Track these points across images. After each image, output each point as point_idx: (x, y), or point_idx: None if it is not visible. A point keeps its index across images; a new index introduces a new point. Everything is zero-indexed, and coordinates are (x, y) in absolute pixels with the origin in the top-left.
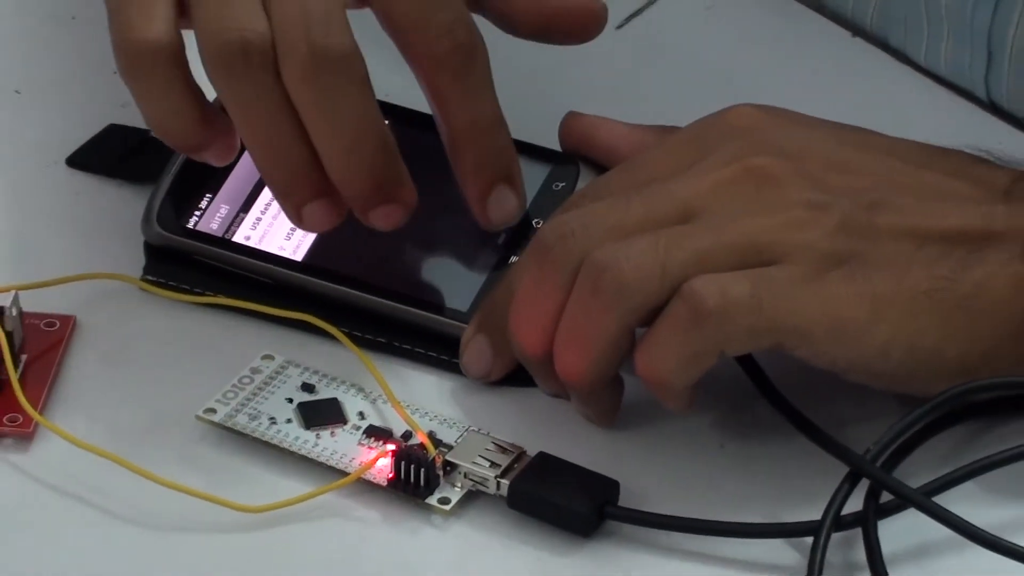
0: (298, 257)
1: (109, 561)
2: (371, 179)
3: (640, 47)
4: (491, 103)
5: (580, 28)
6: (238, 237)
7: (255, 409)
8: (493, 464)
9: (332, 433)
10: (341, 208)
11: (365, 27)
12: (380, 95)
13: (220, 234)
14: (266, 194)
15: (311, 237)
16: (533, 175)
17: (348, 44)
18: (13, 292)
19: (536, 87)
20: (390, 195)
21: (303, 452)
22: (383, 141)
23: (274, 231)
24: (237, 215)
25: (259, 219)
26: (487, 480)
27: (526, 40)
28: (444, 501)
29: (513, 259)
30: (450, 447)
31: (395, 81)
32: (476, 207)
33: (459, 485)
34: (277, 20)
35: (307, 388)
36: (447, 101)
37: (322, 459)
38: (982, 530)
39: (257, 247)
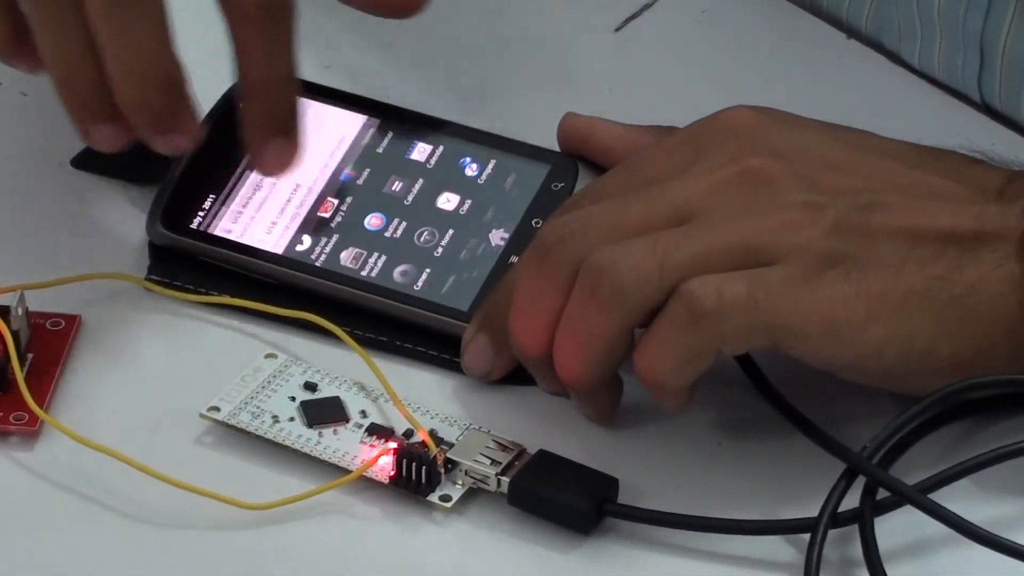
0: (301, 257)
1: (113, 558)
2: (155, 110)
3: (637, 49)
4: (287, 63)
5: (396, 5)
6: (241, 238)
7: (258, 407)
8: (494, 462)
9: (334, 431)
10: (128, 132)
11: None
12: (381, 96)
13: (224, 234)
14: (268, 195)
15: (314, 238)
16: (532, 175)
17: None
18: (19, 292)
19: (535, 89)
20: (174, 125)
21: (306, 450)
22: (171, 76)
23: (277, 231)
24: (240, 216)
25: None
26: (488, 477)
27: (345, 6)
28: (445, 498)
29: (513, 259)
30: (451, 445)
31: (392, 83)
32: (254, 153)
33: (460, 482)
34: None
35: (309, 387)
36: (247, 54)
37: (324, 457)
38: (978, 527)
39: (260, 248)
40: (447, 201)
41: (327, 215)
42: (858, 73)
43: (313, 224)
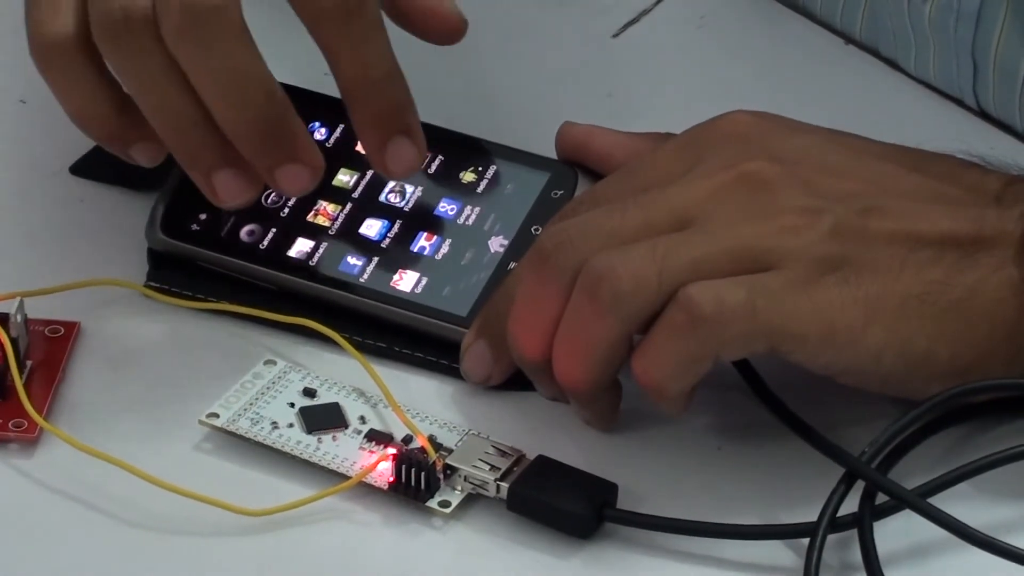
0: (300, 263)
1: (112, 564)
2: (261, 130)
3: (635, 56)
4: (381, 55)
5: (436, 33)
6: (240, 244)
7: (257, 413)
8: (493, 467)
9: (333, 437)
10: (252, 177)
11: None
12: None
13: (222, 241)
14: (267, 202)
15: (313, 244)
16: (531, 183)
17: None
18: (18, 298)
19: (532, 96)
20: (289, 153)
21: (305, 456)
22: (268, 91)
23: (276, 237)
24: (239, 221)
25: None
26: (487, 483)
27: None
28: (444, 504)
29: (512, 265)
30: (450, 451)
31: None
32: (374, 160)
33: (459, 488)
34: None
35: (308, 393)
36: (335, 55)
37: (324, 463)
38: (977, 531)
39: (259, 253)
40: (446, 208)
41: (327, 222)
42: (856, 78)
43: (313, 230)
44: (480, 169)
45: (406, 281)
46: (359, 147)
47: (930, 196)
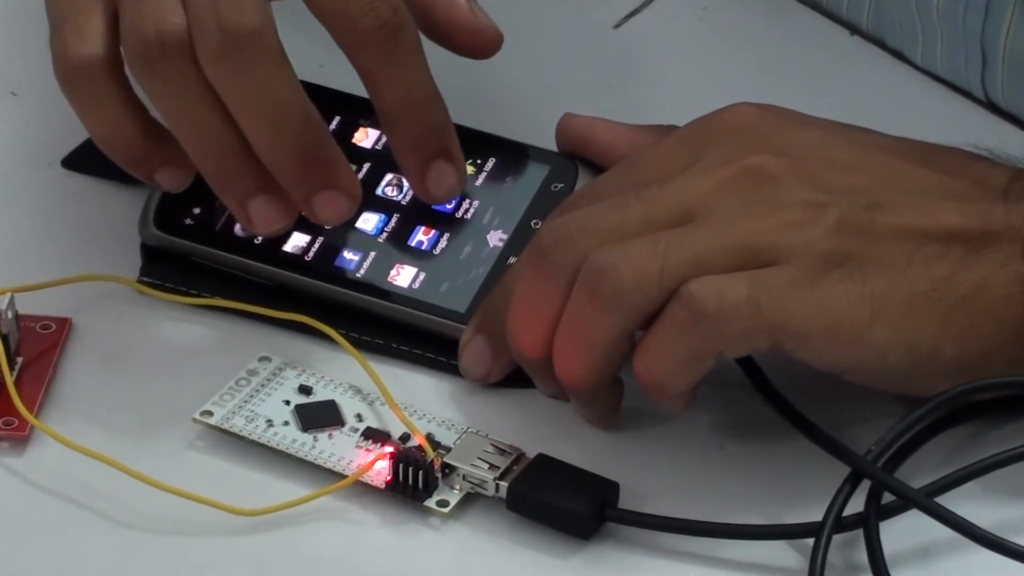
0: (295, 258)
1: (104, 564)
2: (298, 156)
3: (637, 47)
4: (420, 79)
5: (472, 48)
6: (234, 238)
7: (252, 411)
8: (492, 466)
9: (330, 435)
10: (287, 204)
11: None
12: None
13: (217, 235)
14: None
15: (308, 238)
16: (531, 176)
17: (257, 20)
18: (9, 294)
19: (533, 88)
20: (327, 180)
21: (300, 455)
22: (306, 115)
23: None
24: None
25: None
26: (486, 482)
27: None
28: (443, 503)
29: (511, 260)
30: (448, 449)
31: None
32: (415, 184)
33: (458, 487)
34: (191, 10)
35: (304, 390)
36: (375, 79)
37: (319, 462)
38: (984, 530)
39: (254, 248)
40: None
41: None
42: (862, 70)
43: (308, 224)
44: (479, 162)
45: (403, 276)
46: (355, 140)
47: (937, 191)
